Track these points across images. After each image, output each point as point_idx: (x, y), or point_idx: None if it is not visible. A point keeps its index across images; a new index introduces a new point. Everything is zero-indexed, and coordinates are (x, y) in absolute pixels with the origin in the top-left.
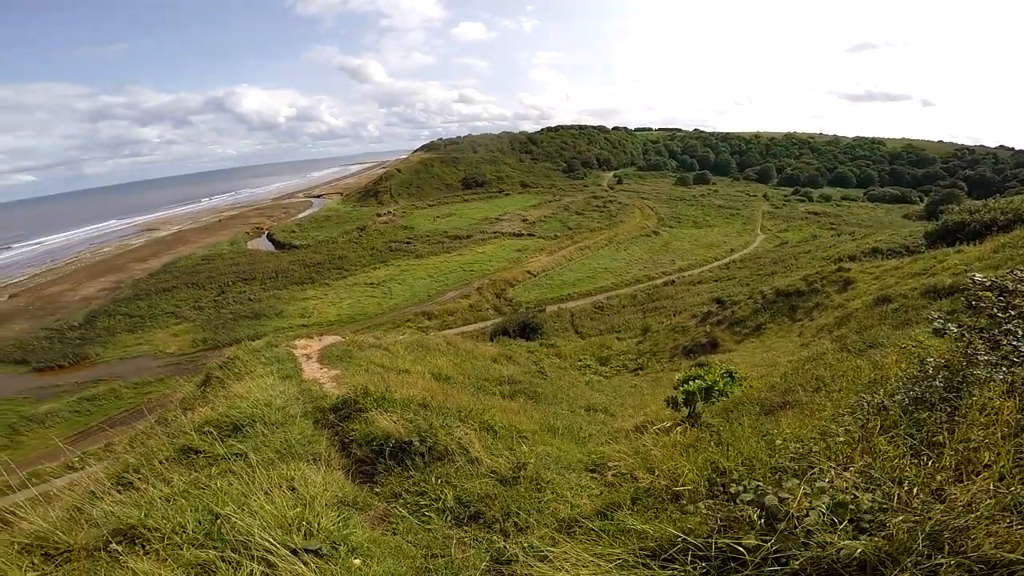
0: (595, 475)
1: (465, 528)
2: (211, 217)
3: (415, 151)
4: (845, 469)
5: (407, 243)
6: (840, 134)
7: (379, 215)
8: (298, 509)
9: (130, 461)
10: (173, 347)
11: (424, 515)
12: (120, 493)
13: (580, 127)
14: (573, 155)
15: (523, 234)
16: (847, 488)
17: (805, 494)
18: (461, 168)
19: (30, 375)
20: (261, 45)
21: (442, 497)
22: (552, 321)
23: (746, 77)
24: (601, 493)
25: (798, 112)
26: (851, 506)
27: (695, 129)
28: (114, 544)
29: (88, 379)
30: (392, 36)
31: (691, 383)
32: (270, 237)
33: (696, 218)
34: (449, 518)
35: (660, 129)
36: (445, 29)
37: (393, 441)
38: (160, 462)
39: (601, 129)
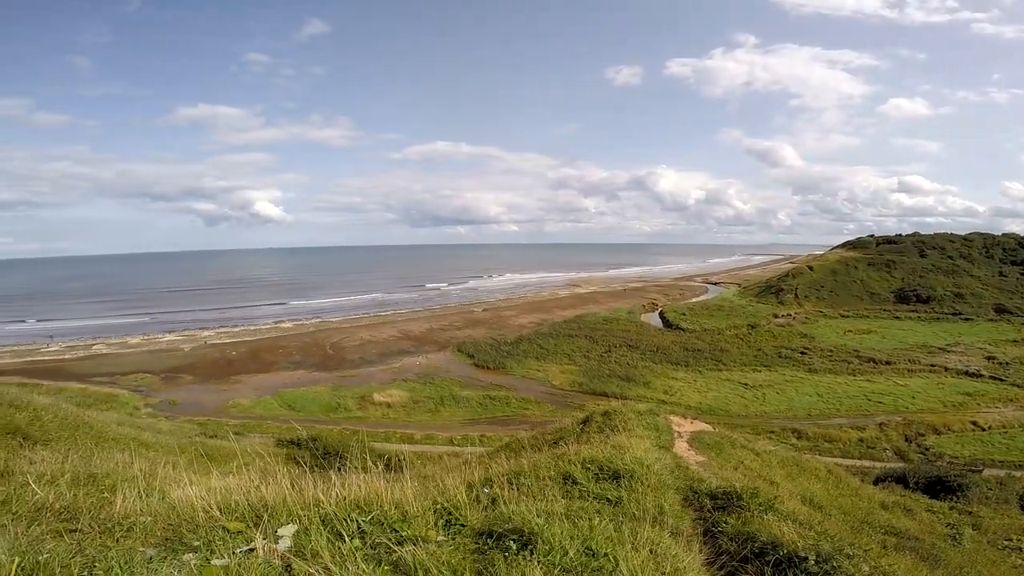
0: None
1: None
2: (619, 285)
3: (834, 247)
4: None
5: (802, 353)
6: None
7: (776, 315)
8: None
9: (524, 466)
10: (558, 381)
11: None
12: (509, 492)
13: None
14: None
15: (982, 375)
16: None
17: None
18: (897, 275)
19: (471, 367)
20: (676, 127)
21: None
22: (985, 487)
23: None
24: None
25: None
26: None
27: None
28: (510, 540)
29: (495, 383)
30: (804, 117)
31: None
32: (661, 315)
33: None
34: None
35: None
36: (869, 107)
37: (783, 551)
38: (547, 478)
39: None
